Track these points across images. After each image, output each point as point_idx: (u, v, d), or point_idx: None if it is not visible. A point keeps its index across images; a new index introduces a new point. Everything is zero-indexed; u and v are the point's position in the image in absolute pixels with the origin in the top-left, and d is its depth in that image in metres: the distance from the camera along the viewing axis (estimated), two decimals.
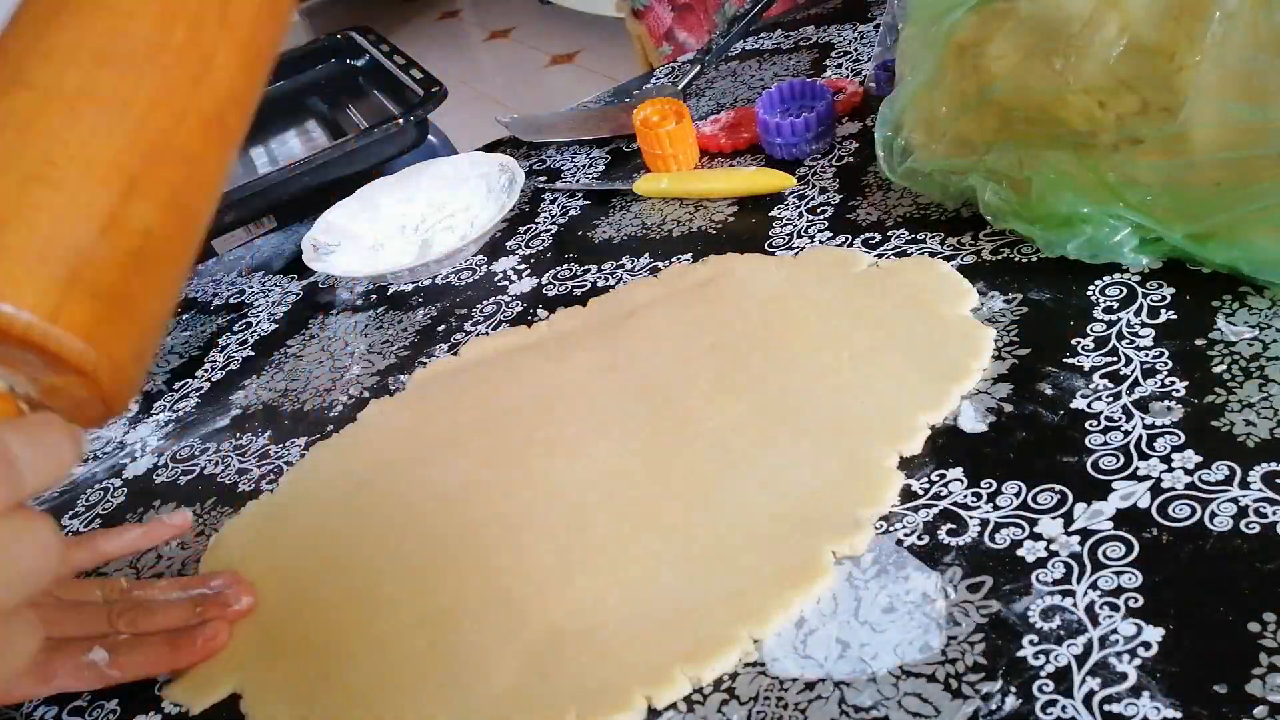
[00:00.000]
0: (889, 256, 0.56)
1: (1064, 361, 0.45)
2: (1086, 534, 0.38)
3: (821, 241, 0.59)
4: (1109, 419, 0.42)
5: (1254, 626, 0.33)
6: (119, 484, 0.62)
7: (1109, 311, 0.47)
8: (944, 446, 0.44)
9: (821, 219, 0.61)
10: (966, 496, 0.41)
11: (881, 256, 0.56)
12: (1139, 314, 0.46)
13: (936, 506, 0.41)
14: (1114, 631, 0.34)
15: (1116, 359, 0.44)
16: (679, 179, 0.69)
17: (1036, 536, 0.38)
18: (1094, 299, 0.48)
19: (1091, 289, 0.48)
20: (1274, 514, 0.36)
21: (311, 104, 1.02)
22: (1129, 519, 0.38)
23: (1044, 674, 0.34)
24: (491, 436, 0.53)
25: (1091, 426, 0.42)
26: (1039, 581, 0.37)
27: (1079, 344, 0.46)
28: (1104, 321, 0.46)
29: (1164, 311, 0.46)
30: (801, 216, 0.62)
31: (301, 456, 0.58)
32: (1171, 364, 0.43)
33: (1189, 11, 0.43)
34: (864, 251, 0.57)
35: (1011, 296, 0.50)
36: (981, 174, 0.51)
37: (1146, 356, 0.44)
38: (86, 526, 0.59)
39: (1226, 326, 0.44)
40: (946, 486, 0.42)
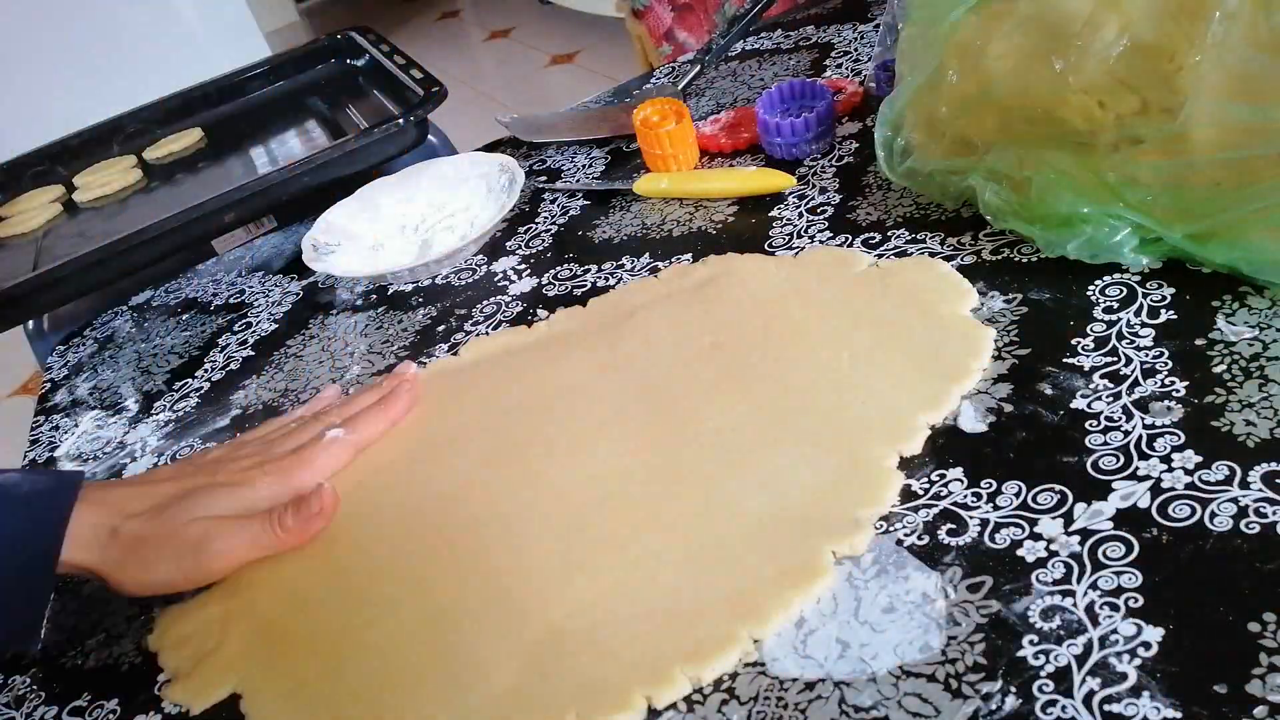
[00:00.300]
0: (889, 256, 0.56)
1: (1064, 361, 0.45)
2: (1086, 534, 0.38)
3: (821, 241, 0.59)
4: (1109, 419, 0.42)
5: (1254, 626, 0.33)
6: None
7: (1109, 311, 0.47)
8: (944, 446, 0.44)
9: (821, 219, 0.61)
10: (966, 496, 0.41)
11: (881, 256, 0.56)
12: (1139, 314, 0.46)
13: (936, 506, 0.41)
14: (1114, 631, 0.34)
15: (1116, 359, 0.44)
16: (679, 179, 0.69)
17: (1036, 536, 0.38)
18: (1094, 299, 0.48)
19: (1091, 289, 0.48)
20: (1274, 514, 0.36)
21: (311, 104, 1.02)
22: (1129, 519, 0.38)
23: (1044, 674, 0.34)
24: (491, 436, 0.53)
25: (1091, 426, 0.42)
26: (1039, 581, 0.37)
27: (1079, 344, 0.46)
28: (1104, 321, 0.46)
29: (1164, 311, 0.46)
30: (801, 216, 0.62)
31: None
32: (1171, 364, 0.43)
33: (1189, 11, 0.43)
34: (864, 251, 0.57)
35: (1011, 296, 0.50)
36: (981, 174, 0.51)
37: (1146, 356, 0.44)
38: None
39: (1226, 326, 0.44)
40: (946, 486, 0.42)
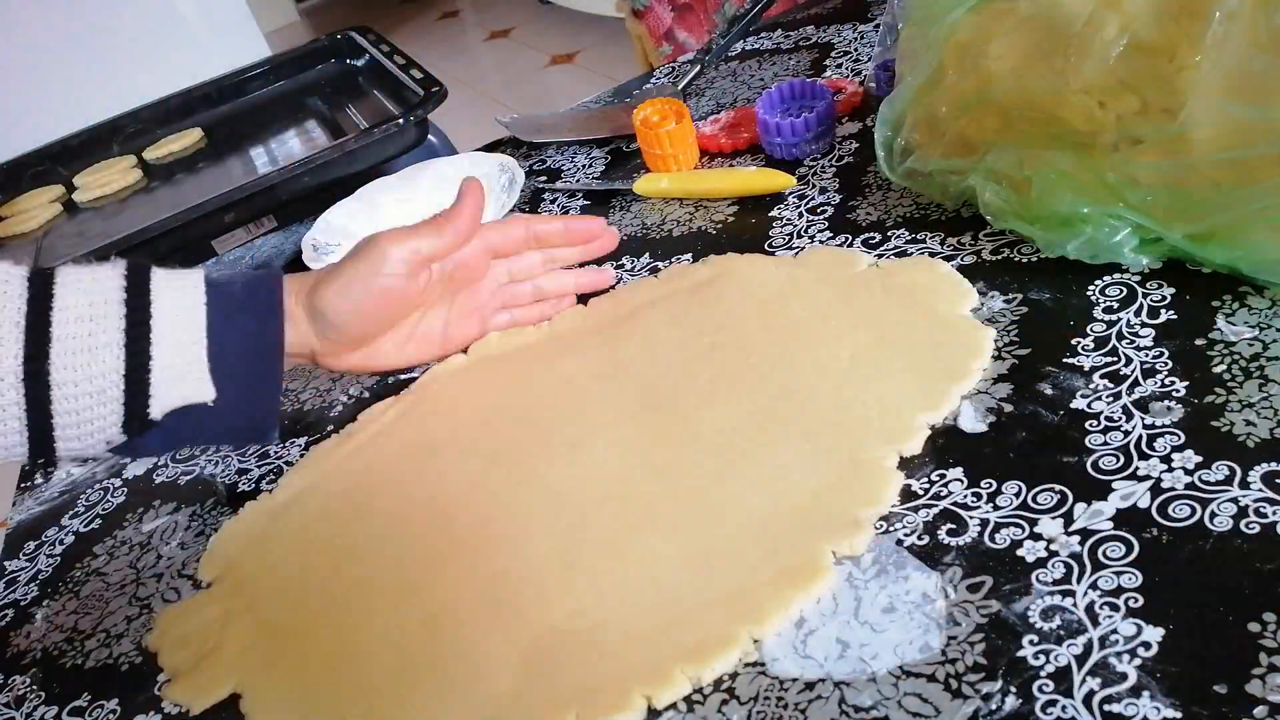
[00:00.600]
0: (889, 256, 0.56)
1: (1064, 361, 0.45)
2: (1086, 534, 0.38)
3: (821, 241, 0.59)
4: (1109, 419, 0.42)
5: (1254, 626, 0.33)
6: (119, 484, 0.62)
7: (1109, 311, 0.47)
8: (944, 446, 0.44)
9: (821, 219, 0.61)
10: (966, 496, 0.41)
11: (881, 256, 0.56)
12: (1139, 314, 0.46)
13: (936, 506, 0.41)
14: (1114, 631, 0.34)
15: (1116, 359, 0.44)
16: (679, 179, 0.69)
17: (1036, 536, 0.38)
18: (1094, 299, 0.48)
19: (1091, 289, 0.48)
20: (1274, 514, 0.36)
21: (311, 104, 1.02)
22: (1129, 519, 0.38)
23: (1044, 674, 0.34)
24: (491, 437, 0.53)
25: (1091, 426, 0.42)
26: (1039, 581, 0.37)
27: (1079, 344, 0.46)
28: (1104, 321, 0.46)
29: (1164, 311, 0.46)
30: (801, 216, 0.62)
31: (301, 456, 0.58)
32: (1171, 364, 0.43)
33: (1189, 11, 0.43)
34: (864, 251, 0.57)
35: (1011, 296, 0.50)
36: (981, 174, 0.51)
37: (1146, 356, 0.44)
38: (86, 526, 0.59)
39: (1226, 326, 0.44)
40: (946, 486, 0.42)
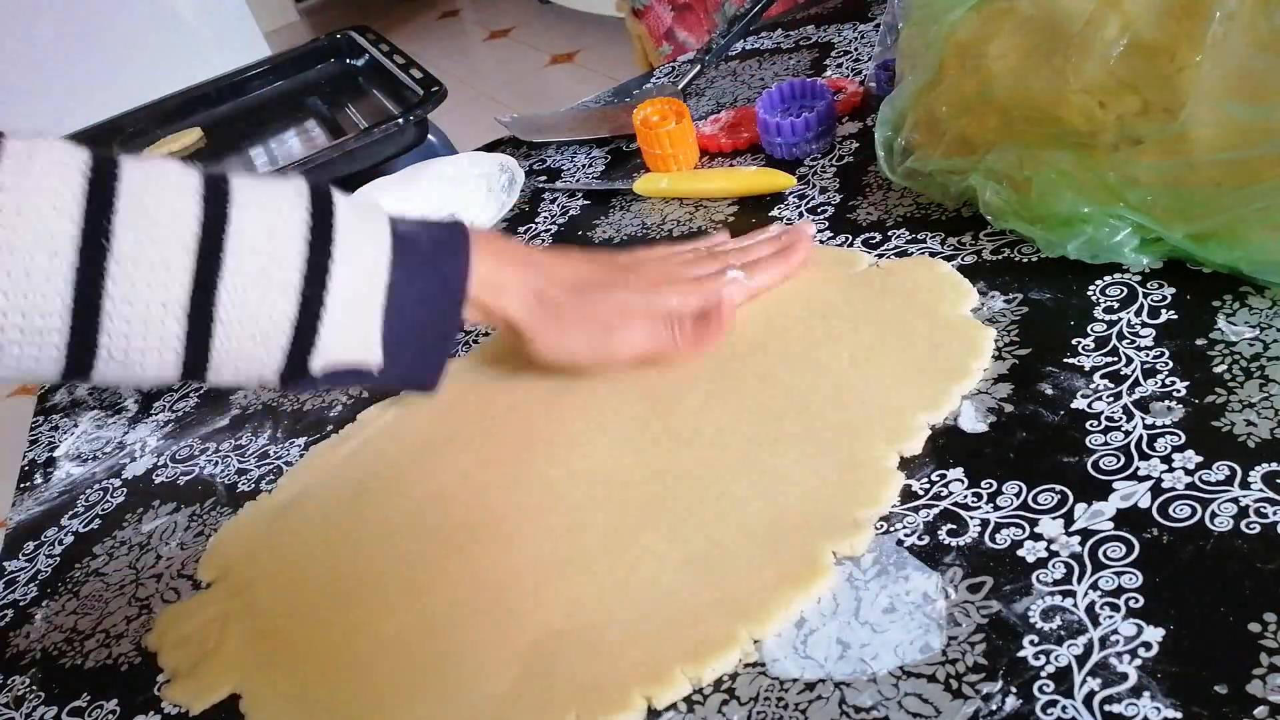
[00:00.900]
0: (889, 256, 0.56)
1: (1064, 361, 0.45)
2: (1087, 534, 0.38)
3: (822, 241, 0.59)
4: (1109, 419, 0.42)
5: (1254, 627, 0.33)
6: (118, 484, 0.62)
7: (1109, 311, 0.47)
8: (944, 446, 0.44)
9: (822, 219, 0.61)
10: (967, 497, 0.41)
11: (882, 256, 0.56)
12: (1139, 314, 0.46)
13: (937, 507, 0.41)
14: (1114, 632, 0.34)
15: (1117, 359, 0.44)
16: (679, 179, 0.69)
17: (1037, 537, 0.38)
18: (1094, 299, 0.48)
19: (1092, 289, 0.48)
20: (1275, 514, 0.36)
21: (311, 104, 1.02)
22: (1129, 519, 0.38)
23: (1044, 674, 0.34)
24: (491, 437, 0.53)
25: (1092, 426, 0.42)
26: (1039, 582, 0.37)
27: (1079, 344, 0.46)
28: (1104, 321, 0.46)
29: (1164, 311, 0.46)
30: (802, 216, 0.62)
31: (301, 457, 0.58)
32: (1172, 364, 0.43)
33: (1189, 11, 0.43)
34: (864, 251, 0.57)
35: (1012, 296, 0.50)
36: (982, 174, 0.51)
37: (1147, 356, 0.44)
38: (85, 527, 0.59)
39: (1227, 326, 0.44)
40: (947, 487, 0.42)
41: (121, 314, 0.38)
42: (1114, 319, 0.46)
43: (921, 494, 0.42)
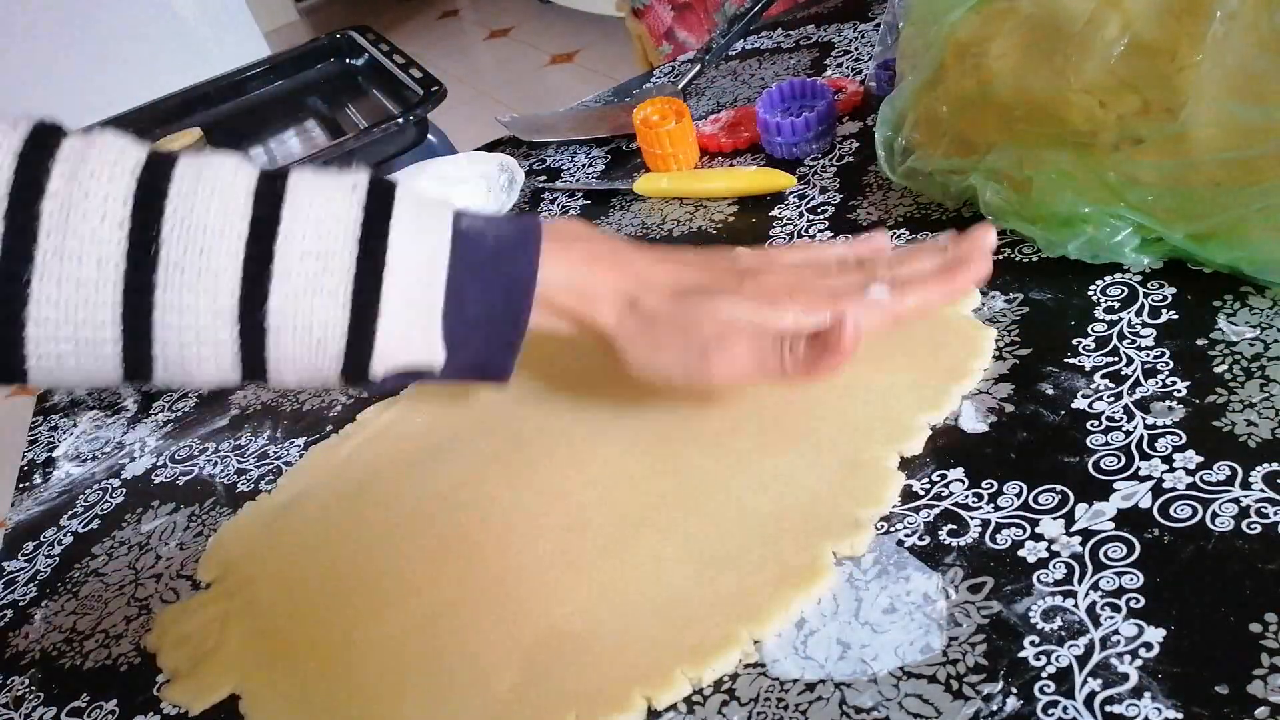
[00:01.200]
0: None
1: (1065, 361, 0.45)
2: (1088, 534, 0.38)
3: (822, 241, 0.59)
4: (1110, 419, 0.42)
5: (1255, 627, 0.33)
6: (118, 484, 0.62)
7: (1110, 311, 0.47)
8: (945, 447, 0.44)
9: (822, 219, 0.61)
10: (967, 497, 0.41)
11: None
12: (1140, 314, 0.46)
13: (937, 507, 0.41)
14: (1115, 632, 0.34)
15: (1117, 359, 0.44)
16: (679, 179, 0.69)
17: (1037, 537, 0.38)
18: (1095, 299, 0.48)
19: (1092, 289, 0.48)
20: (1275, 514, 0.36)
21: (311, 104, 1.02)
22: (1130, 519, 0.38)
23: (1045, 675, 0.34)
24: (491, 437, 0.53)
25: (1093, 427, 0.42)
26: (1040, 582, 0.37)
27: (1080, 344, 0.46)
28: (1105, 321, 0.46)
29: (1165, 311, 0.46)
30: (802, 216, 0.62)
31: (300, 457, 0.58)
32: (1173, 364, 0.43)
33: (1190, 11, 0.43)
34: None
35: (1012, 296, 0.50)
36: (982, 174, 0.51)
37: (1148, 356, 0.44)
38: (85, 527, 0.59)
39: (1228, 326, 0.44)
40: (947, 487, 0.42)
41: (171, 323, 0.37)
42: (1114, 319, 0.46)
43: (922, 494, 0.42)
